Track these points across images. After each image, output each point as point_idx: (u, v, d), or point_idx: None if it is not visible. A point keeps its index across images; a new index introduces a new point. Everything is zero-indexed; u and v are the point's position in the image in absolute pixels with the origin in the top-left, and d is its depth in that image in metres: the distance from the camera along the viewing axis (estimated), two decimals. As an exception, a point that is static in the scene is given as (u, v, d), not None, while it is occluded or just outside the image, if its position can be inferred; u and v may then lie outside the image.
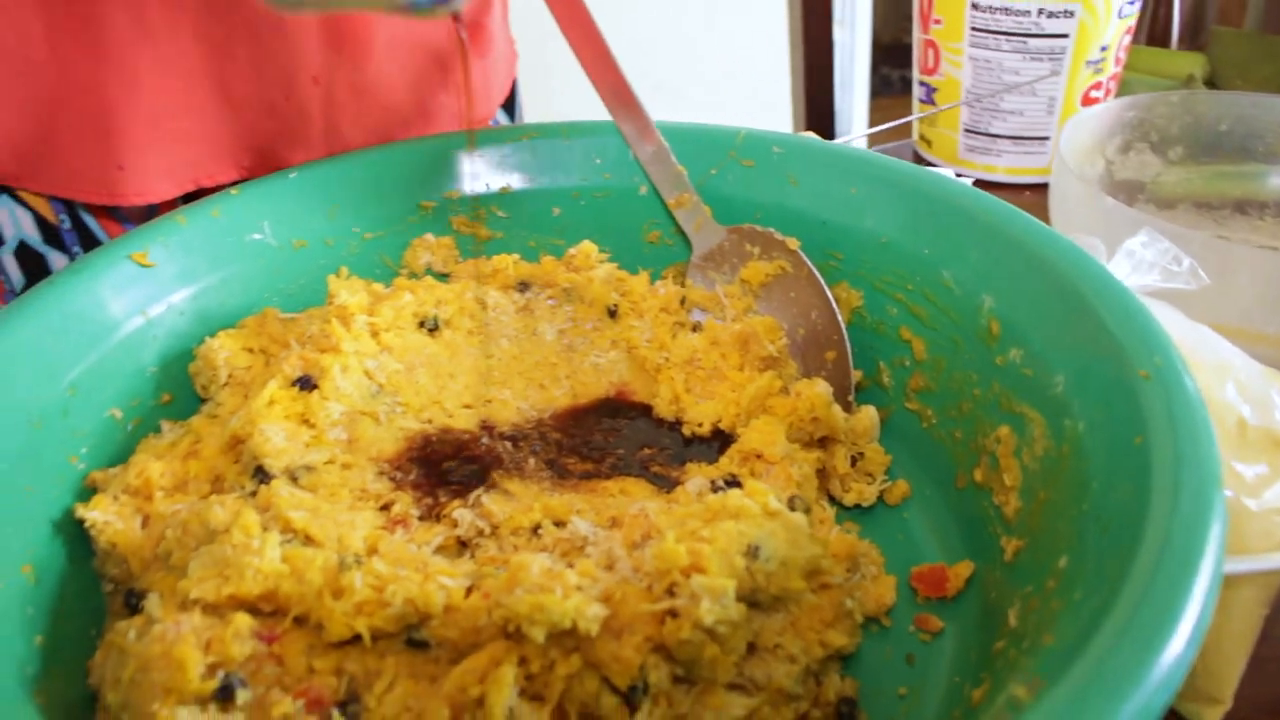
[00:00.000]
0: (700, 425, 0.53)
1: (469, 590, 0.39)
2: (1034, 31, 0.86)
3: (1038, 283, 0.47)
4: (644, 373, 0.56)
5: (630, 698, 0.37)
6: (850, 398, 0.55)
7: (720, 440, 0.52)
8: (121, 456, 0.48)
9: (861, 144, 0.91)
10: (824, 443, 0.53)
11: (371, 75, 0.67)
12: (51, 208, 0.65)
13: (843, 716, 0.41)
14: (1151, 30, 1.16)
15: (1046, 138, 0.91)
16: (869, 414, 0.54)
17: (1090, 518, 0.37)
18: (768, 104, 1.90)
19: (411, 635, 0.39)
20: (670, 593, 0.38)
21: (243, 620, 0.38)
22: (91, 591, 0.45)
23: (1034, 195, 0.90)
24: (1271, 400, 0.46)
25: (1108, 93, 0.90)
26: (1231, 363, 0.47)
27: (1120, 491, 0.36)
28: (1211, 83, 1.02)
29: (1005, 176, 0.94)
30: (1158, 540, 0.33)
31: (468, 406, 0.53)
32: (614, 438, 0.53)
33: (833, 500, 0.53)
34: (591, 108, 0.62)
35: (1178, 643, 0.29)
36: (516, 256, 0.61)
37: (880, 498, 0.53)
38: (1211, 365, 0.47)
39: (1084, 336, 0.43)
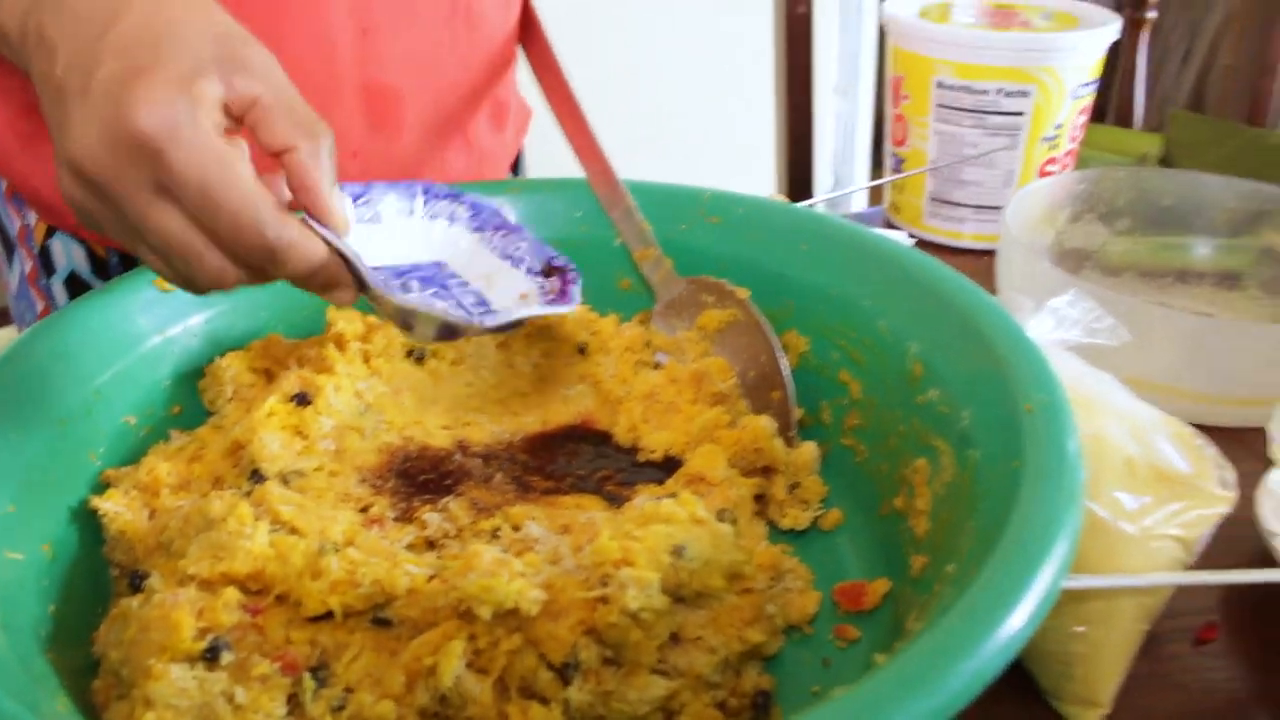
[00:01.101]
0: (653, 452, 0.58)
1: (431, 578, 0.45)
2: (993, 109, 0.92)
3: (954, 330, 0.53)
4: (607, 404, 0.62)
5: (564, 673, 0.42)
6: (792, 433, 0.60)
7: (670, 465, 0.57)
8: (133, 458, 0.54)
9: (822, 208, 0.98)
10: (767, 472, 0.58)
11: (401, 148, 0.76)
12: (103, 244, 0.72)
13: (758, 706, 0.46)
14: (1119, 111, 1.23)
15: (1003, 207, 0.97)
16: (809, 449, 0.59)
17: (973, 531, 0.43)
18: (753, 168, 1.99)
19: (377, 614, 0.44)
20: (603, 582, 0.43)
21: (231, 594, 0.44)
22: (100, 574, 0.51)
23: (992, 260, 0.96)
24: (1157, 442, 0.51)
25: (1064, 167, 0.97)
26: (1125, 407, 0.52)
27: (995, 507, 0.42)
28: (1165, 161, 1.09)
29: (970, 243, 1.00)
30: (1011, 545, 0.38)
31: (446, 427, 0.59)
32: (575, 460, 0.58)
33: (772, 525, 0.58)
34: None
35: (1011, 625, 0.34)
36: (499, 296, 0.67)
37: (816, 524, 0.58)
38: (1107, 409, 0.52)
39: (987, 376, 0.49)
